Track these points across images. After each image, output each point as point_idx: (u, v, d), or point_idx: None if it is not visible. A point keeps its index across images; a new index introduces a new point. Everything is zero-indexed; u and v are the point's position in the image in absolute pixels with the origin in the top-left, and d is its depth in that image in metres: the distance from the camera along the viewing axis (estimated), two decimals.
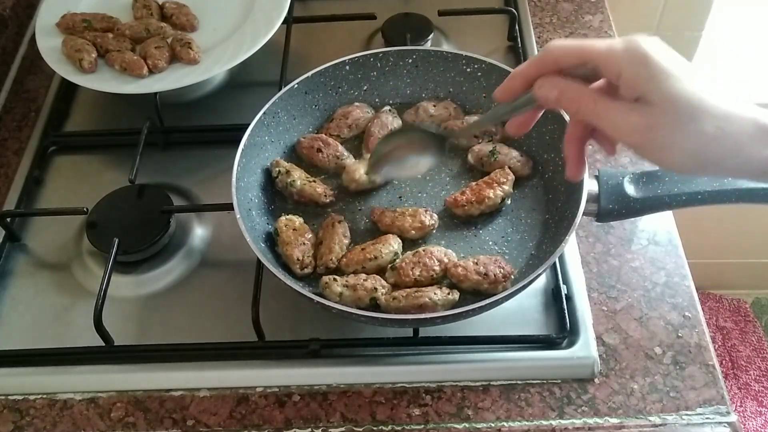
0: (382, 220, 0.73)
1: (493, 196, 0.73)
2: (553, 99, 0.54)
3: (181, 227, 0.82)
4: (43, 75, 1.01)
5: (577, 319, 0.73)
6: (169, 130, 0.91)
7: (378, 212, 0.74)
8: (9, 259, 0.82)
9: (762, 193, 0.64)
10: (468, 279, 0.67)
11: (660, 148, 0.50)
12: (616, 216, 0.69)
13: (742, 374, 1.74)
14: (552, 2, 1.07)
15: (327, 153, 0.78)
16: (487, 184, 0.74)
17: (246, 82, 0.98)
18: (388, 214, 0.74)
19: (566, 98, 0.53)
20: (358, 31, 1.03)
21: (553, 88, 0.54)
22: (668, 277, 0.77)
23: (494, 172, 0.75)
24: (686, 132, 0.49)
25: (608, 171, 0.70)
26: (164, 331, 0.75)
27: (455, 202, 0.74)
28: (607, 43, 0.51)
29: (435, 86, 0.84)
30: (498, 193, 0.73)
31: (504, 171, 0.75)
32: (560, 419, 0.67)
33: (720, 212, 1.47)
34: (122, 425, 0.69)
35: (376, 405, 0.69)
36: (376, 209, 0.75)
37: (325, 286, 0.67)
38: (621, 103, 0.51)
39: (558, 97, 0.53)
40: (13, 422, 0.70)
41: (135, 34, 0.93)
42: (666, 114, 0.49)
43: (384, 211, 0.74)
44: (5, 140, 0.94)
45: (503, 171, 0.75)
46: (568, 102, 0.53)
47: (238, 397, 0.70)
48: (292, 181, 0.75)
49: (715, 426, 0.67)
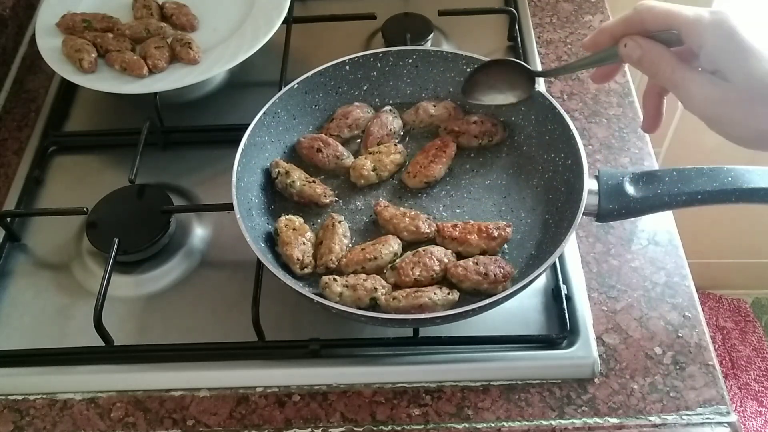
0: (383, 214, 0.73)
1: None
2: (636, 58, 0.56)
3: (181, 227, 0.82)
4: (43, 75, 1.01)
5: (577, 319, 0.73)
6: (169, 130, 0.91)
7: (382, 205, 0.74)
8: (9, 259, 0.82)
9: (762, 193, 0.64)
10: (468, 279, 0.67)
11: (729, 123, 0.52)
12: (616, 216, 0.69)
13: (742, 374, 1.75)
14: (552, 2, 1.07)
15: (327, 153, 0.78)
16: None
17: (246, 82, 0.98)
18: (391, 210, 0.74)
19: (647, 59, 0.56)
20: (358, 31, 1.03)
21: (637, 47, 0.56)
22: (668, 277, 0.77)
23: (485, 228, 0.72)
24: (758, 113, 0.50)
25: (608, 171, 0.70)
26: (164, 331, 0.75)
27: (442, 230, 0.72)
28: (695, 12, 0.52)
29: (435, 86, 0.84)
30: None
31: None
32: (560, 419, 0.67)
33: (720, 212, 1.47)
34: (122, 425, 0.69)
35: (376, 405, 0.69)
36: (381, 202, 0.75)
37: (325, 286, 0.67)
38: (698, 74, 0.52)
39: (640, 57, 0.56)
40: (13, 422, 0.70)
41: (135, 34, 0.93)
42: (741, 92, 0.50)
43: (388, 206, 0.74)
44: (5, 140, 0.94)
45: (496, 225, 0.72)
46: (648, 63, 0.56)
47: (238, 397, 0.70)
48: (291, 181, 0.75)
49: (715, 426, 0.67)
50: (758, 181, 0.64)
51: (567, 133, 0.73)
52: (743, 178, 0.65)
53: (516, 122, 0.80)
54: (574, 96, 0.94)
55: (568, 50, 1.00)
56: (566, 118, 0.74)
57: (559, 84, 0.95)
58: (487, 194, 0.77)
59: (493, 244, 0.71)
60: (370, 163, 0.77)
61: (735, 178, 0.65)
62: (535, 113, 0.78)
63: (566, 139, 0.73)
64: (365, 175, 0.77)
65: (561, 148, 0.74)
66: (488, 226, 0.71)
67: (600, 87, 0.94)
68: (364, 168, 0.77)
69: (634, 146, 0.88)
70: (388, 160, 0.77)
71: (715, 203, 0.66)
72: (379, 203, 0.75)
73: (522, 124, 0.80)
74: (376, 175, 0.77)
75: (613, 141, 0.88)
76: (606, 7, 1.06)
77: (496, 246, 0.71)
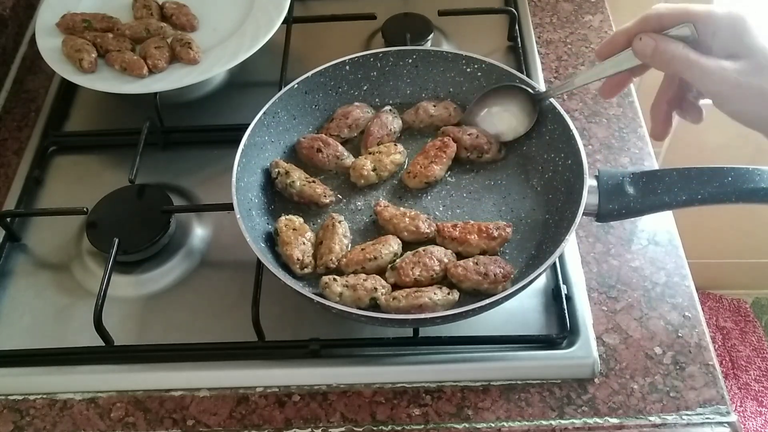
0: (383, 213, 0.73)
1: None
2: (650, 51, 0.59)
3: (181, 227, 0.82)
4: (43, 75, 1.02)
5: (577, 319, 0.73)
6: (169, 130, 0.91)
7: (382, 205, 0.74)
8: (9, 259, 0.82)
9: (762, 193, 0.64)
10: (468, 279, 0.67)
11: (745, 98, 0.55)
12: (616, 216, 0.69)
13: (742, 374, 1.74)
14: (552, 2, 1.07)
15: (327, 153, 0.78)
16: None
17: (246, 82, 0.98)
18: (391, 210, 0.74)
19: (661, 49, 0.58)
20: (358, 31, 1.03)
21: (651, 40, 0.59)
22: (668, 277, 0.77)
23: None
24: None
25: (608, 171, 0.70)
26: (164, 331, 0.75)
27: (442, 230, 0.72)
28: (709, 7, 0.57)
29: (435, 86, 0.84)
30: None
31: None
32: (560, 419, 0.67)
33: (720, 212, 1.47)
34: (122, 425, 0.69)
35: (376, 405, 0.69)
36: (381, 202, 0.75)
37: (325, 286, 0.67)
38: (712, 57, 0.56)
39: (654, 49, 0.59)
40: (13, 422, 0.70)
41: (135, 34, 0.93)
42: (754, 65, 0.54)
43: (388, 206, 0.74)
44: (5, 140, 0.94)
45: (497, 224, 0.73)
46: (662, 53, 0.58)
47: (238, 397, 0.70)
48: (291, 181, 0.75)
49: (715, 426, 0.67)
50: (758, 181, 0.64)
51: (567, 133, 0.73)
52: (743, 178, 0.65)
53: None
54: (574, 96, 0.94)
55: (568, 50, 1.00)
56: (566, 118, 0.74)
57: (558, 84, 0.95)
58: (487, 194, 0.77)
59: (493, 244, 0.71)
60: (370, 163, 0.77)
61: (735, 178, 0.65)
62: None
63: (566, 139, 0.73)
64: (365, 175, 0.77)
65: (561, 148, 0.74)
66: (488, 226, 0.71)
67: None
68: (364, 168, 0.76)
69: (634, 146, 0.88)
70: (388, 160, 0.77)
71: (715, 203, 0.66)
72: (379, 203, 0.75)
73: None
74: (376, 175, 0.77)
75: (613, 141, 0.88)
76: (606, 6, 1.06)
77: (496, 246, 0.71)
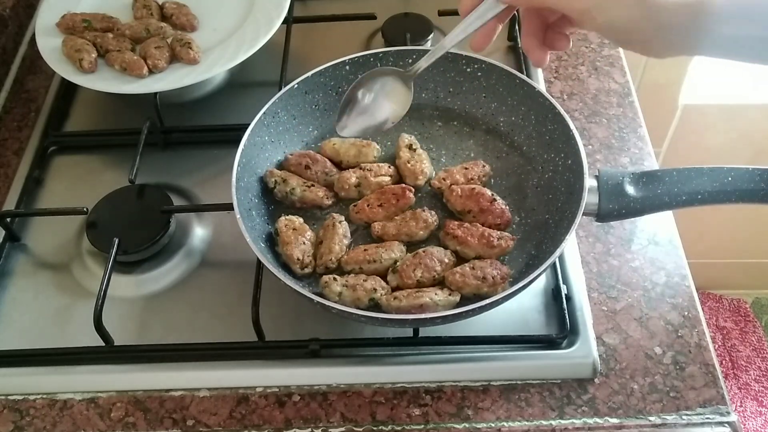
0: (387, 232, 0.72)
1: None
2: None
3: (181, 227, 0.82)
4: (43, 75, 1.02)
5: (577, 319, 0.73)
6: (169, 130, 0.91)
7: (379, 227, 0.73)
8: (9, 259, 0.82)
9: (762, 193, 0.64)
10: (467, 284, 0.67)
11: (605, 9, 0.55)
12: (616, 216, 0.69)
13: (742, 374, 1.75)
14: None
15: (315, 170, 0.77)
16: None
17: (246, 82, 0.98)
18: (390, 225, 0.73)
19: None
20: (358, 31, 1.03)
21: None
22: (668, 277, 0.77)
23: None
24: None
25: (608, 171, 0.70)
26: (164, 331, 0.75)
27: (447, 225, 0.71)
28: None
29: (435, 86, 0.84)
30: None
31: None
32: (560, 419, 0.67)
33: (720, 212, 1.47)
34: (122, 425, 0.69)
35: (376, 405, 0.69)
36: (377, 225, 0.73)
37: (325, 286, 0.67)
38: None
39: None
40: (13, 422, 0.70)
41: (135, 34, 0.93)
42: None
43: (384, 224, 0.73)
44: (5, 140, 0.94)
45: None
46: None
47: (238, 397, 0.70)
48: (291, 189, 0.75)
49: (715, 426, 0.67)
50: (758, 181, 0.64)
51: (567, 133, 0.73)
52: (743, 178, 0.65)
53: (516, 122, 0.80)
54: (574, 96, 0.94)
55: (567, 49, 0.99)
56: (566, 118, 0.74)
57: (559, 84, 0.95)
58: None
59: (490, 253, 0.70)
60: (355, 178, 0.76)
61: (735, 178, 0.65)
62: (535, 113, 0.78)
63: (566, 139, 0.73)
64: (346, 188, 0.76)
65: (561, 148, 0.74)
66: (492, 233, 0.70)
67: (600, 87, 0.94)
68: (347, 182, 0.76)
69: (634, 146, 0.88)
70: (375, 180, 0.76)
71: (715, 203, 0.66)
72: (375, 228, 0.73)
73: (522, 124, 0.80)
74: (358, 192, 0.76)
75: (613, 141, 0.88)
76: None
77: (492, 255, 0.70)
